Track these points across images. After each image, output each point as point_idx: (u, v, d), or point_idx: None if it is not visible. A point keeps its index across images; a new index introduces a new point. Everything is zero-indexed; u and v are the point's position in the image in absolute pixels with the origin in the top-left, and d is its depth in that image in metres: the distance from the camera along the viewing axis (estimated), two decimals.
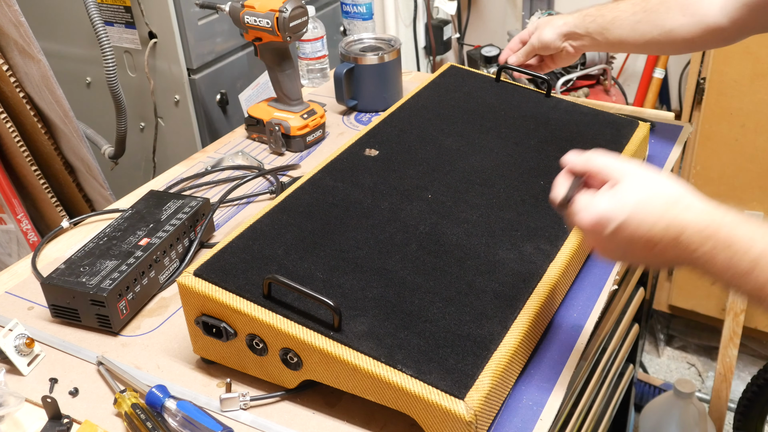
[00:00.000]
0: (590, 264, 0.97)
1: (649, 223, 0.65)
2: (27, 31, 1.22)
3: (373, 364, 0.72)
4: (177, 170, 1.29)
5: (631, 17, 1.09)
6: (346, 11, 1.72)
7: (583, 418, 1.10)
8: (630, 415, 1.65)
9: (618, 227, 0.66)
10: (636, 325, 1.35)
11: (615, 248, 0.69)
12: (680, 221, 0.65)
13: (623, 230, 0.66)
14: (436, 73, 1.26)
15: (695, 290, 2.13)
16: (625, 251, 0.68)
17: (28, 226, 1.42)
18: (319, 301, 0.74)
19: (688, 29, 1.04)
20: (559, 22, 1.16)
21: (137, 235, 0.98)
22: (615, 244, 0.68)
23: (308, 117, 1.32)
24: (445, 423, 0.69)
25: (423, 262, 0.84)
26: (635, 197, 0.66)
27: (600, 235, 0.68)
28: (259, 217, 0.90)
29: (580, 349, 0.84)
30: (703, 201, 0.66)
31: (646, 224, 0.65)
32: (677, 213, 0.65)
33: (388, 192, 0.96)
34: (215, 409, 0.80)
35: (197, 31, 1.52)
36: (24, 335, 0.88)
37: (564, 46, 1.17)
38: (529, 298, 0.81)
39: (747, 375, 2.13)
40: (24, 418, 0.82)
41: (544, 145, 1.06)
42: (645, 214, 0.65)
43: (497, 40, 2.39)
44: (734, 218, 0.64)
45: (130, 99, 1.55)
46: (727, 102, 1.86)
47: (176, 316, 0.95)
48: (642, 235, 0.66)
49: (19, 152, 1.35)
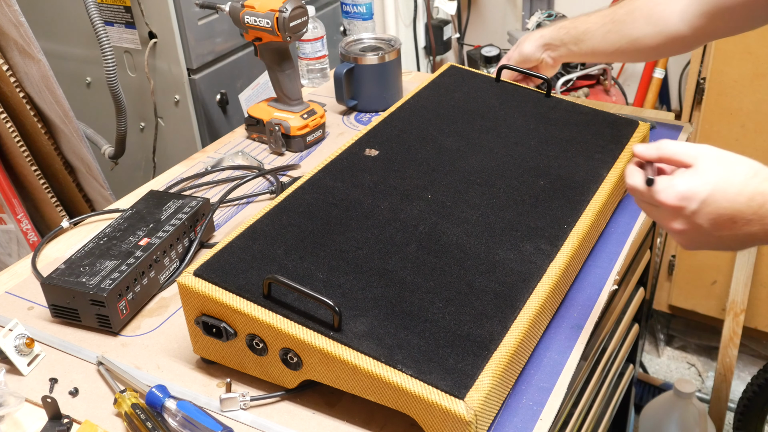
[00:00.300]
0: (590, 264, 0.97)
1: (731, 196, 0.67)
2: (27, 31, 1.22)
3: (373, 364, 0.72)
4: (177, 170, 1.29)
5: (601, 28, 1.13)
6: (346, 11, 1.72)
7: (583, 418, 1.10)
8: (630, 415, 1.65)
9: (702, 203, 0.68)
10: (636, 325, 1.35)
11: (698, 229, 0.70)
12: (763, 191, 0.67)
13: (707, 206, 0.68)
14: (436, 73, 1.26)
15: (695, 290, 2.13)
16: (710, 231, 0.69)
17: (28, 226, 1.42)
18: (319, 301, 0.74)
19: (652, 38, 1.09)
20: (536, 35, 1.21)
21: (137, 235, 0.98)
22: (699, 225, 0.69)
23: (308, 117, 1.32)
24: (445, 423, 0.69)
25: (423, 262, 0.84)
26: (715, 173, 0.68)
27: (683, 214, 0.69)
28: (259, 217, 0.90)
29: (580, 349, 0.84)
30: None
31: (728, 197, 0.67)
32: (758, 184, 0.67)
33: (388, 192, 0.96)
34: (215, 409, 0.80)
35: (197, 31, 1.52)
36: (24, 335, 0.88)
37: (543, 57, 1.21)
38: (529, 298, 0.81)
39: (747, 375, 2.13)
40: (24, 418, 0.82)
41: (544, 145, 1.06)
42: (727, 187, 0.67)
43: (497, 40, 2.39)
44: None
45: (130, 99, 1.55)
46: (727, 102, 1.86)
47: (176, 316, 0.95)
48: (726, 208, 0.67)
49: (19, 152, 1.35)
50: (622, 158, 1.05)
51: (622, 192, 1.08)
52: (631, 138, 1.10)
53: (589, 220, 0.93)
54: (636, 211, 1.08)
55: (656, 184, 0.70)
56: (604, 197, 0.98)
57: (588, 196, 0.97)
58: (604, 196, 0.98)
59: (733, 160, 0.69)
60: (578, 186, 0.98)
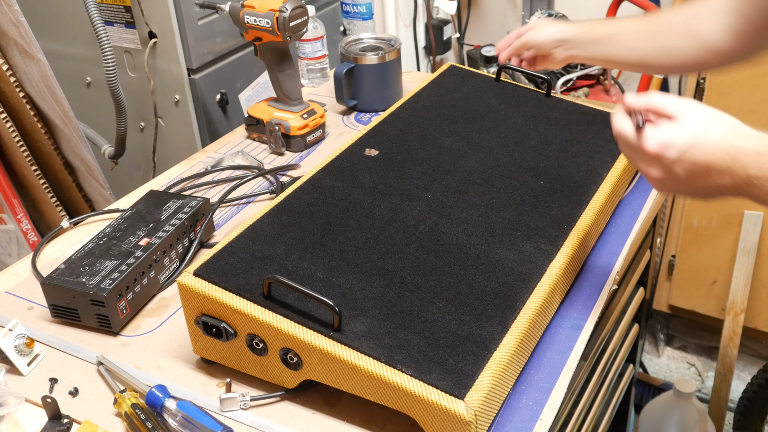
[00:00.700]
0: (590, 264, 0.97)
1: (709, 148, 0.71)
2: (27, 31, 1.22)
3: (373, 364, 0.72)
4: (177, 170, 1.29)
5: (634, 34, 1.09)
6: (346, 11, 1.72)
7: (583, 418, 1.09)
8: (630, 415, 1.65)
9: (681, 152, 0.72)
10: (636, 325, 1.35)
11: (674, 177, 0.74)
12: (738, 146, 0.71)
13: (686, 155, 0.72)
14: (436, 73, 1.26)
15: (695, 290, 2.13)
16: (685, 179, 0.74)
17: (28, 226, 1.42)
18: (319, 301, 0.74)
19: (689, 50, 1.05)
20: (554, 28, 1.17)
21: (137, 235, 0.98)
22: (675, 173, 0.73)
23: (308, 117, 1.32)
24: (445, 423, 0.69)
25: (423, 262, 0.84)
26: (696, 126, 0.72)
27: (663, 163, 0.73)
28: (259, 217, 0.90)
29: (580, 349, 0.84)
30: (758, 130, 0.72)
31: (706, 149, 0.71)
32: (735, 139, 0.71)
33: (388, 192, 0.96)
34: (215, 409, 0.80)
35: (197, 31, 1.52)
36: (24, 335, 0.88)
37: (552, 52, 1.17)
38: (529, 298, 0.81)
39: (747, 375, 2.13)
40: (24, 418, 0.82)
41: (544, 145, 1.06)
42: (705, 140, 0.71)
43: (497, 40, 2.37)
44: None
45: (130, 99, 1.55)
46: (727, 102, 1.86)
47: (176, 316, 0.95)
48: (703, 159, 0.71)
49: (19, 152, 1.35)
50: (622, 158, 1.05)
51: (622, 192, 1.08)
52: None
53: (589, 220, 0.93)
54: (636, 211, 1.08)
55: (642, 131, 0.75)
56: (604, 197, 0.98)
57: (588, 196, 0.97)
58: (604, 196, 0.98)
59: (714, 115, 0.73)
60: (578, 186, 0.98)
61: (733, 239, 2.00)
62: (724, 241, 2.03)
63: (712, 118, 0.73)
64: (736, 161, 0.71)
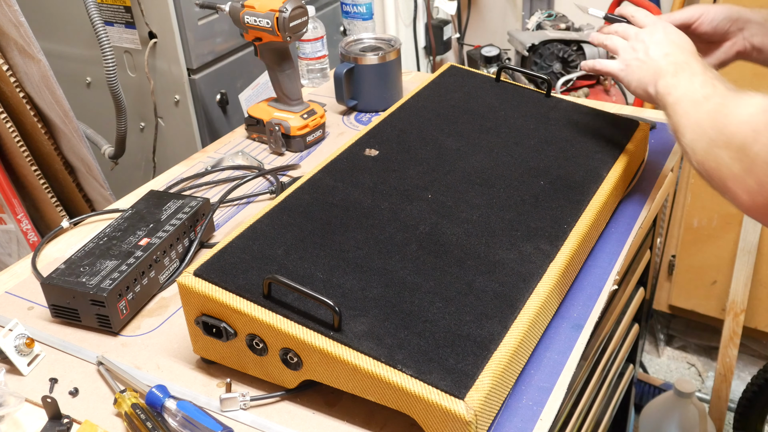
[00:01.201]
0: (590, 264, 0.97)
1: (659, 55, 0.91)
2: (27, 31, 1.22)
3: (373, 364, 0.72)
4: (177, 170, 1.29)
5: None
6: (346, 11, 1.72)
7: (583, 418, 1.10)
8: (630, 415, 1.65)
9: (642, 51, 0.93)
10: (636, 325, 1.35)
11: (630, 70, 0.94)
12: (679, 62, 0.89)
13: (644, 53, 0.93)
14: (436, 73, 1.26)
15: (695, 290, 2.14)
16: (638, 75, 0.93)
17: (28, 226, 1.42)
18: (319, 301, 0.74)
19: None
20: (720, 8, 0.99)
21: (137, 235, 0.98)
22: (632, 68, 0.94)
23: (308, 117, 1.32)
24: (445, 423, 0.69)
25: (423, 262, 0.84)
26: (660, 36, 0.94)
27: (625, 56, 0.96)
28: (259, 217, 0.90)
29: (580, 349, 0.84)
30: None
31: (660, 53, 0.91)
32: (683, 59, 0.89)
33: (388, 192, 0.96)
34: (215, 409, 0.80)
35: (197, 31, 1.52)
36: (24, 335, 0.88)
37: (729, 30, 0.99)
38: (529, 298, 0.81)
39: (747, 375, 2.13)
40: (24, 418, 0.82)
41: (544, 145, 1.06)
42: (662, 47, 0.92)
43: (497, 40, 2.39)
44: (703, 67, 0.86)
45: (130, 99, 1.55)
46: None
47: (176, 316, 0.95)
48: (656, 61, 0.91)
49: (19, 152, 1.35)
50: (622, 158, 1.05)
51: (622, 192, 1.08)
52: (632, 138, 1.10)
53: (589, 220, 0.93)
54: (636, 211, 1.08)
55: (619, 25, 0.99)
56: (604, 197, 0.98)
57: (588, 196, 0.97)
58: (604, 196, 0.98)
59: (676, 33, 0.92)
60: (578, 186, 0.98)
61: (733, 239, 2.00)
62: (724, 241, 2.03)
63: (674, 34, 0.93)
64: (675, 77, 0.86)
